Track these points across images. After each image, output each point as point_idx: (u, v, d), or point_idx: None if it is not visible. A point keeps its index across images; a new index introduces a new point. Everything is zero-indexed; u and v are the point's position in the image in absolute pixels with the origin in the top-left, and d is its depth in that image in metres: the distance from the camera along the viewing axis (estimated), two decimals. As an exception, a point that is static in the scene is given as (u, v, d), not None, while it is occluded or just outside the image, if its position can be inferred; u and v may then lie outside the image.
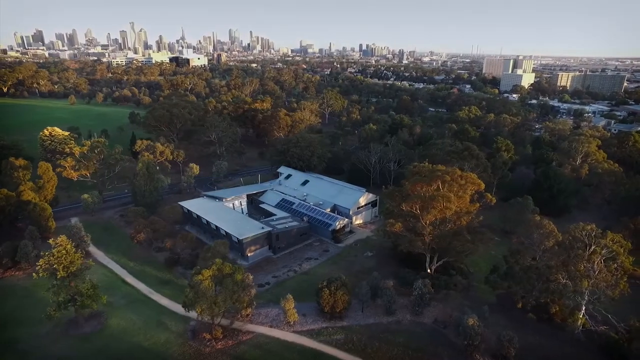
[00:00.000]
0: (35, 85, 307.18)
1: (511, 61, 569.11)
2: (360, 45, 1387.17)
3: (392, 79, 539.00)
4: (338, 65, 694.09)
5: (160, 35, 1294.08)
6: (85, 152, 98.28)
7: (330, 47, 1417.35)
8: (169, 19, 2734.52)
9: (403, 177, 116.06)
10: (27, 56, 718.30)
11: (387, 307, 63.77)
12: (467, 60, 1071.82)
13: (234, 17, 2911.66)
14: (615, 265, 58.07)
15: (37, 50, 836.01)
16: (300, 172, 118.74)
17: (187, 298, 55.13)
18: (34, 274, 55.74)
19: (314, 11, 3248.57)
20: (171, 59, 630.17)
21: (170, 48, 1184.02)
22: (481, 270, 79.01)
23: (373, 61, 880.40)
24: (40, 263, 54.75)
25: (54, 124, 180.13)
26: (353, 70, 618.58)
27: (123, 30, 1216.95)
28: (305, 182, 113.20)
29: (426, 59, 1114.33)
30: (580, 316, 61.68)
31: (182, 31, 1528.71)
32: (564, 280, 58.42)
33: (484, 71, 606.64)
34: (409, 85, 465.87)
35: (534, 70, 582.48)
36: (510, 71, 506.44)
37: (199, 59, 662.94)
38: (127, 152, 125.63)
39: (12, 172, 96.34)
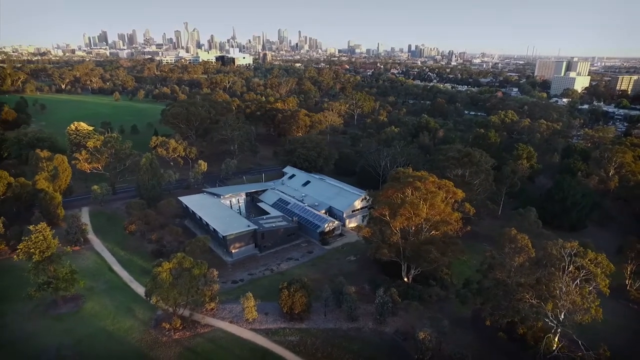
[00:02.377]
0: (88, 82, 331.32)
1: (564, 63, 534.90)
2: (409, 46, 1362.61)
3: (434, 80, 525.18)
4: (382, 66, 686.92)
5: (212, 35, 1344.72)
6: (99, 146, 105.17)
7: (378, 47, 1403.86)
8: (221, 19, 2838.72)
9: None
10: (91, 55, 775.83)
11: (349, 313, 63.14)
12: (521, 62, 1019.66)
13: (284, 17, 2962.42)
14: (590, 288, 53.82)
15: (100, 50, 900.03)
16: (303, 173, 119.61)
17: (147, 288, 58.00)
18: (15, 256, 60.99)
19: (363, 10, 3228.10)
20: (217, 58, 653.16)
21: (221, 47, 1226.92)
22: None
23: (419, 62, 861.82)
24: (21, 246, 59.81)
25: (97, 118, 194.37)
26: (396, 72, 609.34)
27: (177, 30, 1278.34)
28: (306, 183, 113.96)
29: (476, 61, 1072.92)
30: (555, 339, 57.81)
31: (233, 31, 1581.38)
32: (532, 300, 54.87)
33: (535, 74, 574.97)
34: (452, 87, 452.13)
35: (593, 73, 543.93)
36: (562, 74, 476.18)
37: (244, 58, 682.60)
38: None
39: (37, 162, 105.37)
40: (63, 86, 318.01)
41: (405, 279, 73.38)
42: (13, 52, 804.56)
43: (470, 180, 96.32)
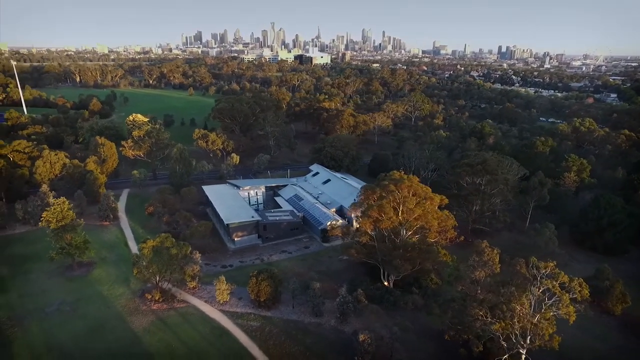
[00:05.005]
0: (171, 78, 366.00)
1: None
2: (499, 48, 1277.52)
3: (516, 84, 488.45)
4: (462, 68, 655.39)
5: (297, 34, 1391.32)
6: (142, 136, 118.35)
7: (465, 49, 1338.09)
8: (308, 20, 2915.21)
9: (439, 185, 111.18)
10: (184, 53, 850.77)
11: (313, 308, 64.94)
12: (635, 64, 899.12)
13: (370, 16, 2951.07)
14: (552, 314, 49.59)
15: (193, 49, 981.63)
16: (327, 171, 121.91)
17: (132, 261, 65.74)
18: (40, 222, 72.79)
19: (450, 8, 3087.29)
20: (295, 57, 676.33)
21: (305, 46, 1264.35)
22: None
23: (505, 65, 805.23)
24: (44, 215, 71.33)
25: (167, 111, 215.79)
26: (476, 74, 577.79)
27: (264, 30, 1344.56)
28: (326, 181, 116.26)
29: (576, 63, 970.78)
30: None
31: (318, 30, 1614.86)
32: (487, 319, 51.91)
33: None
34: (534, 92, 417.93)
35: None
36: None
37: (322, 57, 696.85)
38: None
39: (95, 147, 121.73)
40: (150, 81, 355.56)
41: (386, 283, 72.77)
42: (123, 51, 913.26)
43: (486, 189, 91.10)
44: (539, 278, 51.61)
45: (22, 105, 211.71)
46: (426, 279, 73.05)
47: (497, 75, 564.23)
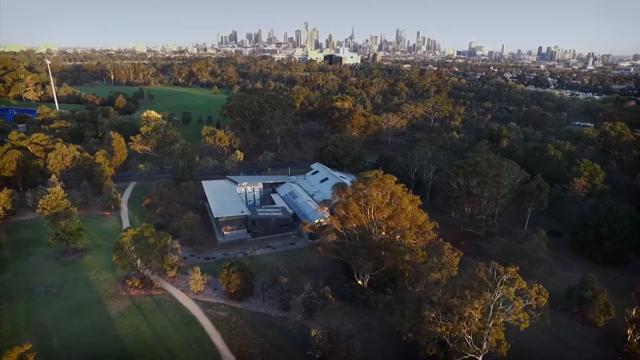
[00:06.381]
0: (200, 77, 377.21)
1: None
2: (539, 49, 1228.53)
3: (551, 86, 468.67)
4: (495, 70, 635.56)
5: (330, 35, 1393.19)
6: (149, 131, 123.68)
7: (502, 49, 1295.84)
8: (342, 20, 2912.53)
9: (438, 187, 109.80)
10: (218, 53, 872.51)
11: (281, 302, 66.28)
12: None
13: (404, 16, 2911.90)
14: (502, 320, 48.57)
15: (227, 48, 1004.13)
16: (326, 170, 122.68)
17: (113, 248, 69.47)
18: (37, 209, 78.11)
19: (490, 8, 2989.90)
20: (325, 57, 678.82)
21: (338, 46, 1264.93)
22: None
23: (542, 66, 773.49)
24: (41, 203, 76.51)
25: (188, 108, 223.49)
26: (509, 76, 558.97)
27: (298, 30, 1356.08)
28: (324, 180, 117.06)
29: (624, 64, 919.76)
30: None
31: (352, 31, 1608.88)
32: (437, 321, 51.36)
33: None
34: (570, 94, 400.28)
35: None
36: None
37: (351, 57, 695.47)
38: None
39: (109, 141, 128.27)
40: (179, 80, 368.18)
41: (360, 282, 72.98)
42: (161, 50, 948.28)
43: (477, 192, 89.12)
44: (497, 283, 50.68)
45: (56, 102, 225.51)
46: (403, 280, 72.77)
47: (532, 77, 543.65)
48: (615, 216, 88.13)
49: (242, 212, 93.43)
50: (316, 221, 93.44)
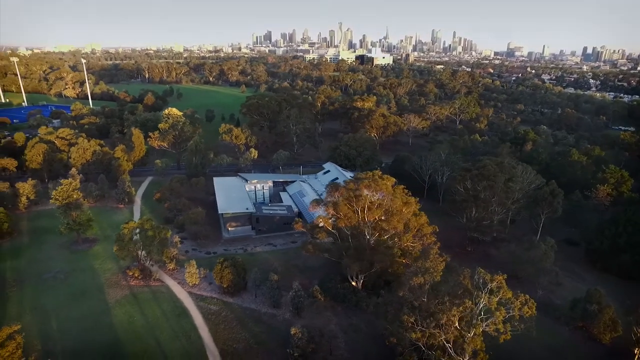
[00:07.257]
0: (230, 75, 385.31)
1: None
2: (584, 49, 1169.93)
3: (593, 88, 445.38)
4: (532, 71, 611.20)
5: (364, 35, 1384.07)
6: (167, 128, 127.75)
7: (543, 50, 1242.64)
8: (376, 20, 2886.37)
9: (450, 190, 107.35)
10: (252, 52, 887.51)
11: (270, 299, 66.85)
12: None
13: (440, 16, 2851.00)
14: (482, 330, 46.89)
15: (261, 48, 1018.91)
16: (338, 170, 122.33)
17: (115, 239, 72.37)
18: (50, 200, 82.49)
19: (529, 6, 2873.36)
20: (357, 57, 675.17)
21: (372, 46, 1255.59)
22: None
23: (585, 67, 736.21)
24: (54, 194, 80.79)
25: (214, 106, 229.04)
26: (547, 77, 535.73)
27: (332, 30, 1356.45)
28: (334, 180, 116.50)
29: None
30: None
31: (387, 31, 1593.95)
32: (415, 327, 50.17)
33: None
34: (613, 97, 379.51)
35: None
36: None
37: (383, 57, 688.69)
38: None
39: (130, 137, 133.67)
40: (210, 78, 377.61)
41: (354, 283, 72.41)
42: (197, 50, 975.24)
43: (484, 196, 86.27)
44: (482, 292, 49.08)
45: (90, 99, 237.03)
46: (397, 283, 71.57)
47: (572, 79, 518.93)
48: (635, 227, 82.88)
49: (247, 208, 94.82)
50: (314, 220, 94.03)
